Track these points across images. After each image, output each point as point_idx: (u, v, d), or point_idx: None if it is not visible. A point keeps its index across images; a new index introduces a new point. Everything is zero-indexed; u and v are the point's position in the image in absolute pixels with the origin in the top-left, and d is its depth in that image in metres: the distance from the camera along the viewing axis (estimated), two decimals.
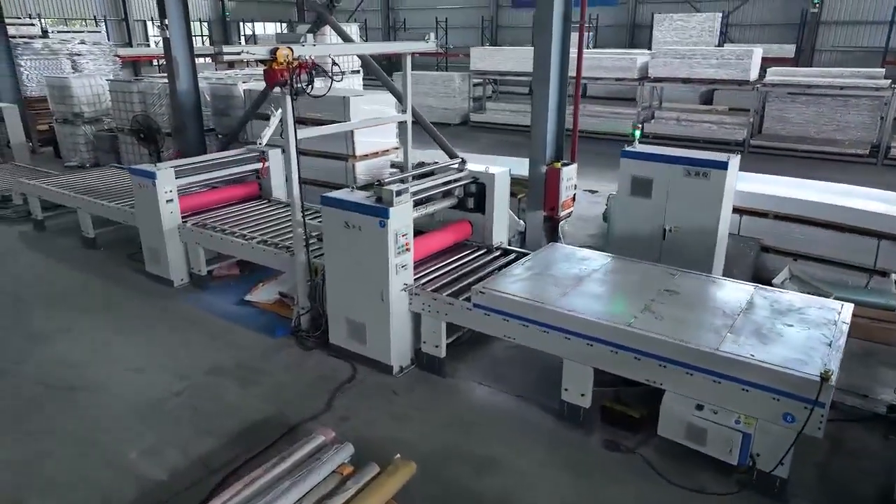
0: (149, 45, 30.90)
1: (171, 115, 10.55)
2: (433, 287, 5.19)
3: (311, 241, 5.65)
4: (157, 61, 29.24)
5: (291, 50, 4.79)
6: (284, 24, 37.80)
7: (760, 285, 4.91)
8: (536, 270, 5.13)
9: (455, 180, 5.88)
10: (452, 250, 5.96)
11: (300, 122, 9.50)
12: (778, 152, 14.39)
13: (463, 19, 31.18)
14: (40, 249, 8.31)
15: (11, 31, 23.08)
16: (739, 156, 5.91)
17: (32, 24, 23.83)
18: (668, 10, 24.95)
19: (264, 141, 5.46)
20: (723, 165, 5.68)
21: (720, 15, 23.25)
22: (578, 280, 4.92)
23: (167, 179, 6.75)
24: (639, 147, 6.21)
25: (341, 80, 5.63)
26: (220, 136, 11.19)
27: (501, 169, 6.07)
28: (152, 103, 11.24)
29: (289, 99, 5.12)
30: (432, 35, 6.26)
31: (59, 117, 13.22)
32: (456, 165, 6.04)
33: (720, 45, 22.48)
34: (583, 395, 4.43)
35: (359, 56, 8.69)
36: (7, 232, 9.04)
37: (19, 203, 9.64)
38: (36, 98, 15.34)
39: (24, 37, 21.62)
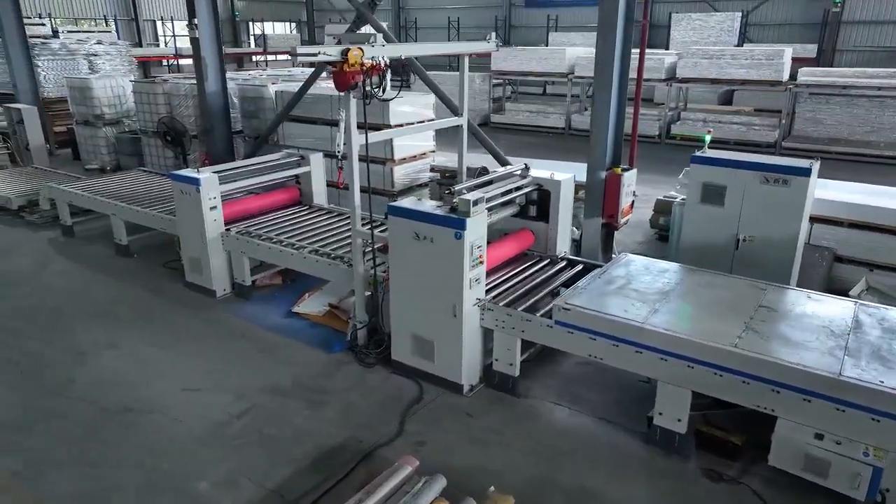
0: (158, 45, 30.67)
1: (200, 117, 10.29)
2: (503, 301, 4.92)
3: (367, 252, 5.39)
4: (167, 61, 29.09)
5: (362, 51, 4.51)
6: (294, 24, 37.58)
7: (860, 300, 4.63)
8: (617, 284, 4.84)
9: (519, 187, 5.61)
10: (515, 261, 5.69)
11: (333, 124, 9.32)
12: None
13: (475, 19, 30.86)
14: (72, 257, 8.03)
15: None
16: (819, 161, 5.62)
17: (43, 24, 23.58)
18: (685, 10, 24.66)
19: (341, 147, 5.14)
20: (805, 172, 5.39)
21: (739, 14, 22.99)
22: (664, 295, 4.64)
23: (211, 185, 6.47)
24: (710, 152, 5.93)
25: (412, 83, 5.37)
26: (247, 138, 10.92)
27: (566, 175, 5.80)
28: (178, 105, 10.96)
29: (354, 103, 4.86)
30: (493, 34, 5.98)
31: (79, 119, 12.94)
32: (519, 171, 5.76)
33: (739, 44, 22.20)
34: (679, 420, 4.15)
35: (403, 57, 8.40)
36: (35, 238, 8.76)
37: (45, 208, 9.33)
38: (53, 99, 15.07)
39: (34, 37, 21.44)
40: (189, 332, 6.03)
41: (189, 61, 30.11)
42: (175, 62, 29.24)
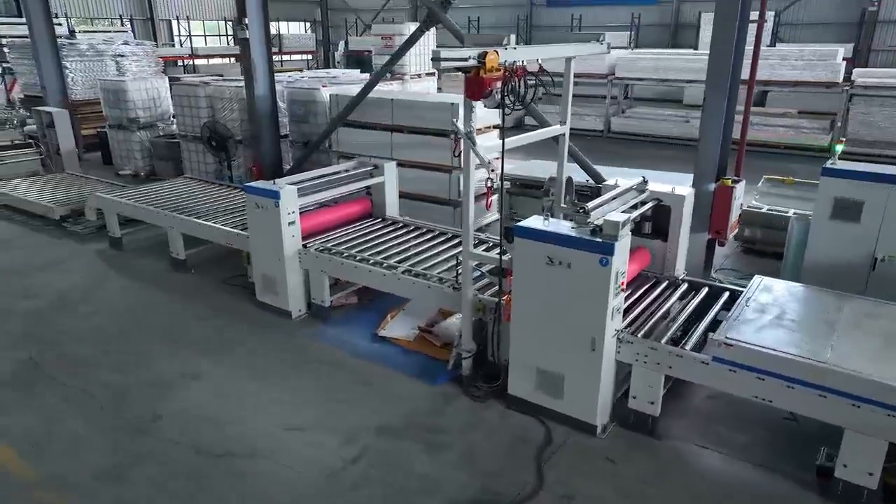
0: (173, 45, 30.21)
1: (249, 121, 9.82)
2: (636, 331, 4.44)
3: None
4: (183, 62, 28.61)
5: (497, 54, 4.02)
6: (308, 24, 37.09)
7: None
8: (771, 314, 4.35)
9: (641, 203, 5.13)
10: (634, 283, 5.20)
11: (394, 130, 8.84)
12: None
13: (496, 19, 30.36)
14: (127, 272, 7.54)
15: None
16: None
17: (59, 24, 23.14)
18: (714, 10, 24.09)
19: (490, 160, 4.59)
20: None
21: (773, 14, 22.45)
22: (831, 327, 4.15)
23: (290, 199, 5.99)
24: (841, 164, 5.44)
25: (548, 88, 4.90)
26: (294, 143, 10.43)
27: (688, 189, 5.31)
28: (221, 108, 10.47)
29: (475, 113, 4.38)
30: (606, 35, 5.50)
31: (112, 122, 12.46)
32: (636, 185, 5.27)
33: (772, 44, 21.70)
34: (870, 474, 3.66)
35: None
36: (82, 251, 8.28)
37: (91, 219, 8.84)
38: (80, 101, 14.58)
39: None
40: (273, 359, 5.54)
41: (204, 61, 29.73)
42: (191, 62, 28.88)
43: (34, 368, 5.37)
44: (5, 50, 21.24)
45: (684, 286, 5.23)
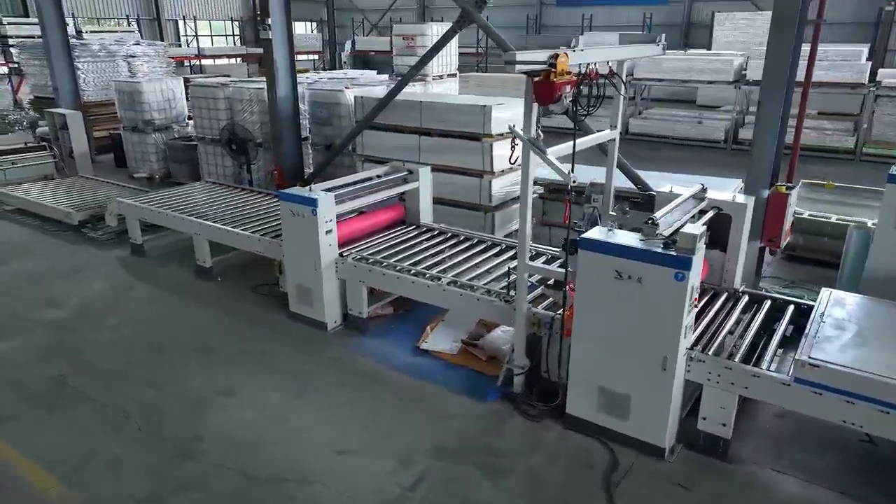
0: (180, 45, 29.97)
1: (270, 123, 9.59)
2: (704, 348, 4.21)
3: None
4: (189, 62, 28.37)
5: (567, 56, 3.79)
6: (314, 24, 36.86)
7: None
8: (851, 331, 4.12)
9: (701, 212, 4.89)
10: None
11: (422, 133, 8.61)
12: (893, 161, 13.36)
13: (504, 18, 30.07)
14: (151, 281, 7.31)
15: None
16: None
17: (66, 24, 22.94)
18: (729, 9, 23.90)
19: (574, 175, 4.26)
20: None
21: None
22: None
23: (328, 206, 5.76)
24: None
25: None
26: (316, 147, 10.20)
27: (748, 198, 5.08)
28: (241, 111, 10.24)
29: (534, 118, 4.15)
30: (663, 36, 5.26)
31: (126, 124, 12.22)
32: (696, 193, 5.04)
33: None
34: None
35: None
36: (103, 258, 8.04)
37: (112, 224, 8.58)
38: (91, 103, 14.35)
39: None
40: (313, 374, 5.31)
41: (210, 61, 29.48)
42: (198, 63, 28.66)
43: (65, 385, 5.14)
44: (13, 50, 21.11)
45: (745, 298, 4.99)
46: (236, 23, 32.78)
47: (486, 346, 5.53)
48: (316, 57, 34.32)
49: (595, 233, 4.20)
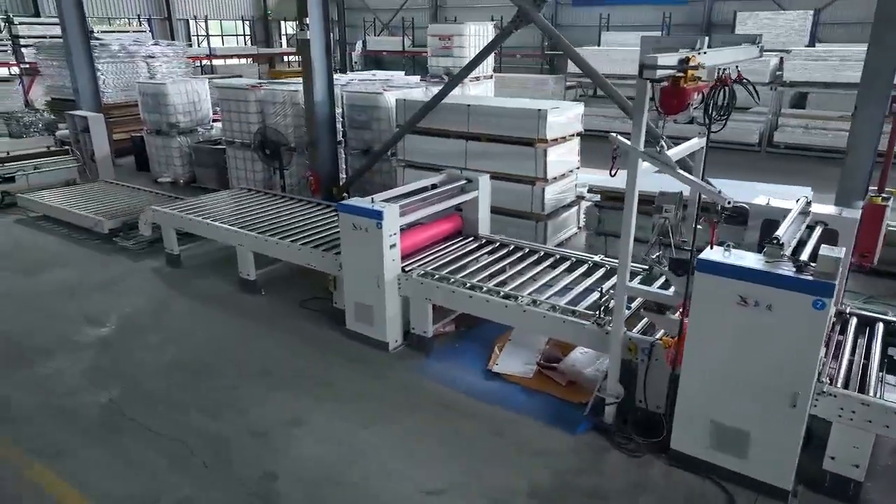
0: (191, 45, 29.61)
1: (306, 127, 9.22)
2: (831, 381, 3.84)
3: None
4: (200, 62, 28.00)
5: (697, 60, 3.41)
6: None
7: None
8: None
9: (808, 228, 4.51)
10: None
11: (470, 138, 8.24)
12: None
13: None
14: (191, 294, 6.93)
15: (56, 30, 22.07)
16: None
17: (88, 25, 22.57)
18: (751, 8, 23.51)
19: (729, 196, 3.80)
20: None
21: (812, 13, 21.85)
22: None
23: (393, 219, 5.38)
24: None
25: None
26: (352, 151, 9.82)
27: (854, 211, 4.70)
28: (273, 114, 9.87)
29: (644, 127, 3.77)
30: (762, 36, 4.89)
31: (150, 127, 11.85)
32: (801, 207, 4.65)
33: (811, 44, 21.07)
34: None
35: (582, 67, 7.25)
36: (138, 269, 7.67)
37: (146, 234, 8.18)
38: (111, 104, 13.99)
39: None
40: (381, 400, 4.93)
41: (221, 62, 29.13)
42: (209, 63, 28.31)
43: (117, 413, 4.76)
44: (30, 51, 20.76)
45: (853, 320, 4.61)
46: (247, 22, 32.42)
47: (565, 370, 5.15)
48: None
49: (714, 253, 3.81)
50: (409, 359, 5.54)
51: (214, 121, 12.43)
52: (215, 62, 28.91)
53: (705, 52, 3.68)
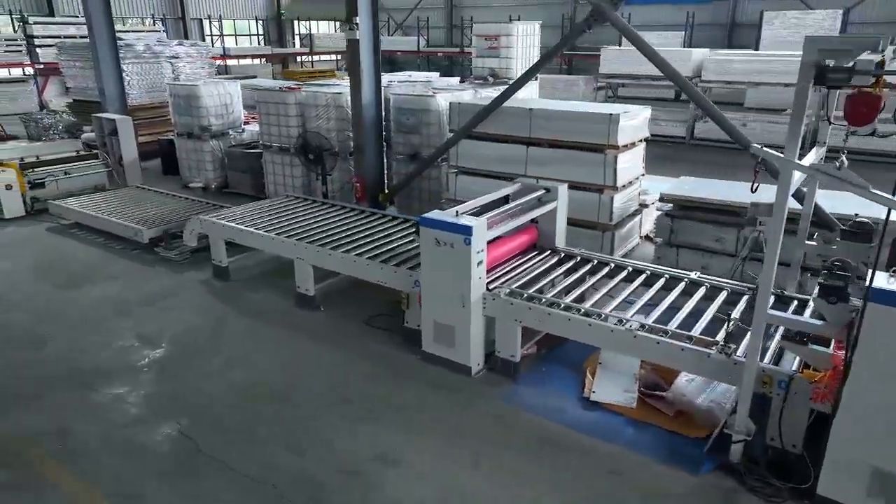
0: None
1: (353, 131, 8.82)
2: None
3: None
4: (214, 62, 27.57)
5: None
6: (338, 24, 36.06)
7: None
8: None
9: None
10: None
11: (531, 143, 7.82)
12: None
13: (537, 18, 29.20)
14: (245, 310, 6.52)
15: (72, 30, 21.71)
16: None
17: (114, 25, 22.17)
18: (778, 8, 23.07)
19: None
20: None
21: (841, 12, 21.40)
22: None
23: (481, 235, 4.97)
24: None
25: None
26: (397, 156, 9.41)
27: None
28: (315, 117, 9.47)
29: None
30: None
31: (181, 130, 11.45)
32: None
33: None
34: None
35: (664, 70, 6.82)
36: (183, 282, 7.26)
37: (192, 244, 7.74)
38: (136, 106, 13.60)
39: (83, 36, 19.96)
40: (477, 435, 4.50)
41: (234, 62, 28.70)
42: (223, 63, 27.91)
43: (192, 448, 4.35)
44: (43, 51, 20.39)
45: None
46: (260, 22, 32.02)
47: (675, 400, 4.74)
48: (339, 57, 33.57)
49: (888, 281, 3.39)
50: (495, 385, 5.12)
51: (246, 123, 12.05)
52: (229, 62, 28.50)
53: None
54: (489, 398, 4.94)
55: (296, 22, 33.60)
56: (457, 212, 5.13)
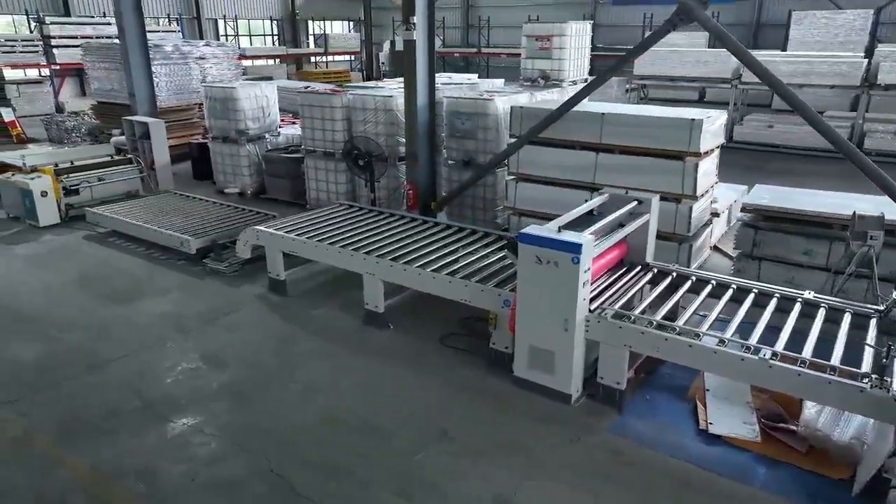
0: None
1: (406, 135, 8.44)
2: None
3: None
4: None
5: None
6: (352, 24, 35.68)
7: None
8: None
9: None
10: None
11: (602, 150, 7.42)
12: None
13: (556, 18, 28.85)
14: (310, 328, 6.13)
15: (88, 30, 21.36)
16: None
17: (109, 24, 21.82)
18: (807, 8, 22.65)
19: None
20: None
21: (872, 12, 20.98)
22: None
23: (589, 252, 4.59)
24: None
25: None
26: (449, 162, 9.02)
27: None
28: (363, 121, 9.09)
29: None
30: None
31: (216, 134, 11.06)
32: None
33: (871, 45, 20.27)
34: None
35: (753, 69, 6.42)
36: (238, 296, 6.87)
37: (245, 256, 7.32)
38: (164, 109, 13.21)
39: (100, 37, 19.60)
40: (597, 475, 4.10)
41: (250, 62, 28.34)
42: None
43: (288, 491, 3.96)
44: (60, 52, 20.05)
45: None
46: (276, 22, 31.65)
47: (808, 435, 4.34)
48: (353, 57, 33.22)
49: None
50: (600, 415, 4.73)
51: (280, 127, 11.67)
52: (245, 63, 28.13)
53: None
54: (597, 430, 4.55)
55: (310, 22, 33.22)
56: (559, 227, 4.74)
